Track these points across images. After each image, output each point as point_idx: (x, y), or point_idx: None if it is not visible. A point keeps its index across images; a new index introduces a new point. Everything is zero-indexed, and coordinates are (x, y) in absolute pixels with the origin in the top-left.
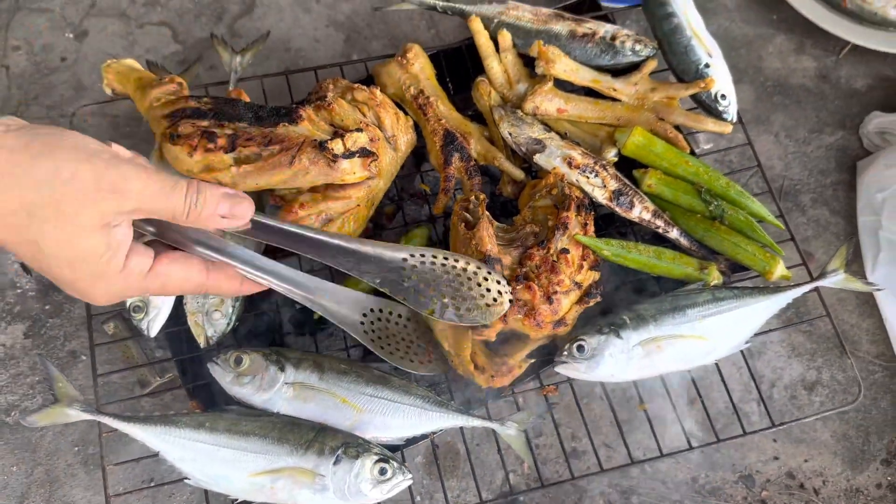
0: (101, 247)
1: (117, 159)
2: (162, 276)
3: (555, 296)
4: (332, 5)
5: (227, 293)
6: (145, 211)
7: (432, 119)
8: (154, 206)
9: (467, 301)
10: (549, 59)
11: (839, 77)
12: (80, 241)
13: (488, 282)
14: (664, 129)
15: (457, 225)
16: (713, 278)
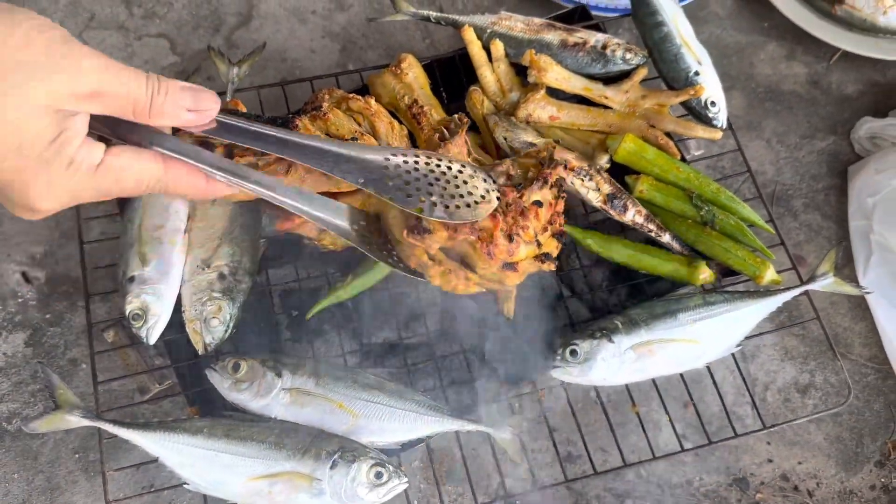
0: (51, 131)
1: (73, 37)
2: (115, 170)
3: (516, 237)
4: (327, 16)
5: (189, 193)
6: (103, 97)
7: (426, 128)
8: (113, 90)
9: (455, 199)
10: (540, 67)
11: (830, 83)
12: (28, 121)
13: (475, 179)
14: (655, 135)
15: (431, 137)
16: (702, 275)
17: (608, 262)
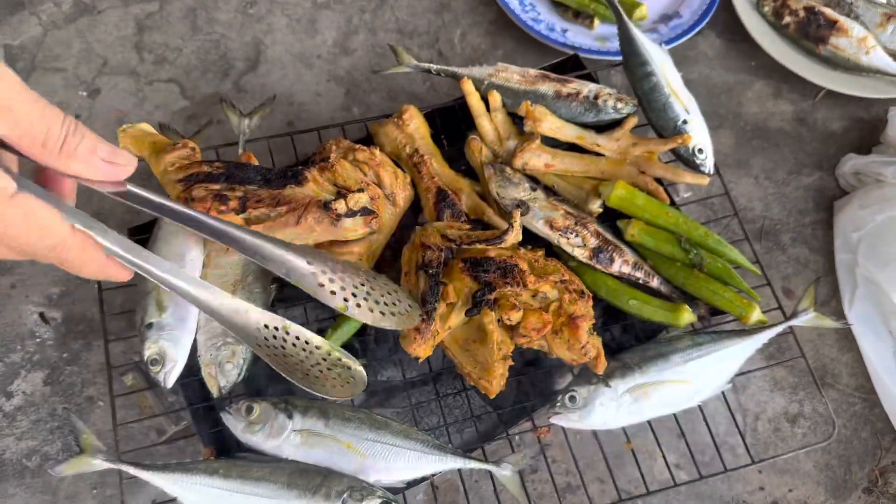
0: None
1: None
2: (24, 206)
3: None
4: (332, 61)
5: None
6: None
7: (426, 177)
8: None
9: (379, 305)
10: (536, 118)
11: (816, 120)
12: None
13: (399, 295)
14: (645, 181)
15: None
16: (685, 318)
17: (601, 300)
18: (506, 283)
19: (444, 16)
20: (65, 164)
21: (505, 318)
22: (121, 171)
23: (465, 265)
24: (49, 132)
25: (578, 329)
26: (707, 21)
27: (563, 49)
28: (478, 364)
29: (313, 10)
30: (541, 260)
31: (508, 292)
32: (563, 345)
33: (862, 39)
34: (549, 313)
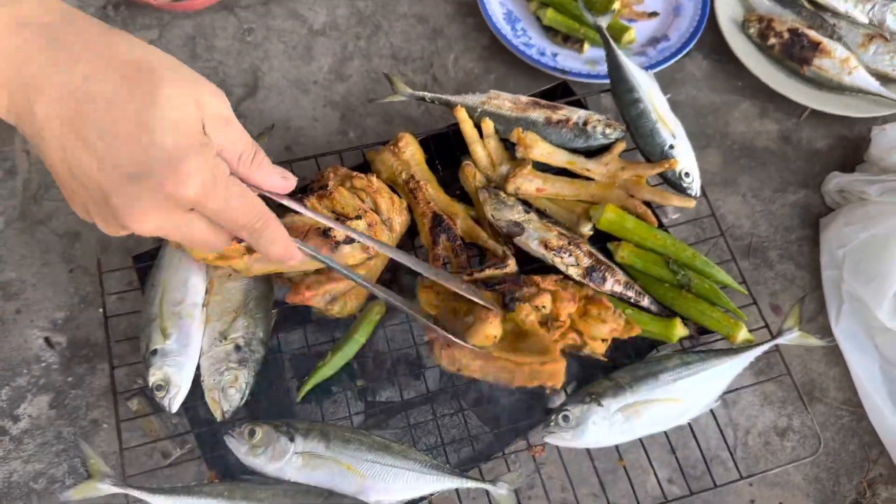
0: (200, 123)
1: None
2: (240, 186)
3: None
4: (328, 87)
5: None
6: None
7: (422, 202)
8: (237, 127)
9: None
10: (527, 144)
11: (801, 138)
12: (188, 109)
13: None
14: (634, 205)
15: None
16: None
17: None
18: (520, 287)
19: (438, 41)
20: (252, 173)
21: (539, 305)
22: (289, 184)
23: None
24: (246, 147)
25: (602, 301)
26: (694, 43)
27: (553, 73)
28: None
29: (309, 36)
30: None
31: (527, 292)
32: (597, 321)
33: (844, 60)
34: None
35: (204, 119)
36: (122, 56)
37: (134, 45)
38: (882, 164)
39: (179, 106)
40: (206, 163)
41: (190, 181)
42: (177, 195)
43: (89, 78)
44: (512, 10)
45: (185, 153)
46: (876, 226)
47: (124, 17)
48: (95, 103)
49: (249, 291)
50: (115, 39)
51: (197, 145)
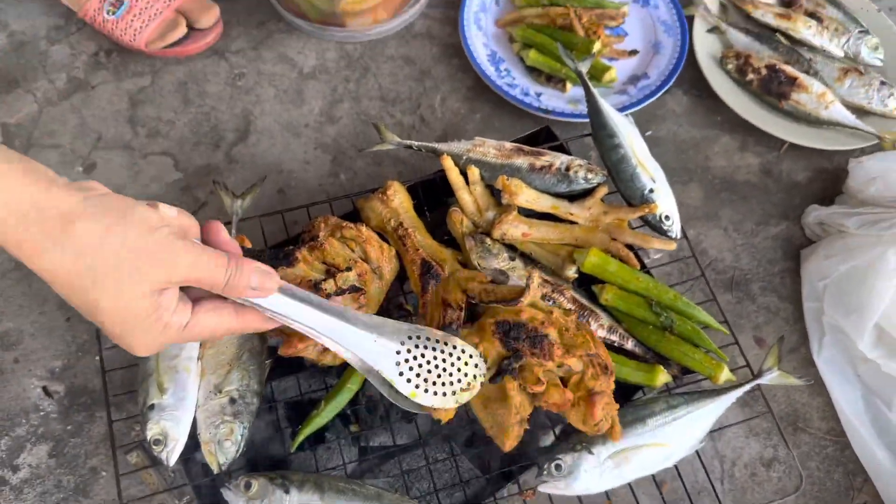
0: (151, 308)
1: (174, 236)
2: (197, 327)
3: None
4: (318, 129)
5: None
6: (191, 280)
7: (411, 249)
8: (198, 278)
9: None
10: (512, 191)
11: (781, 171)
12: (134, 303)
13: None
14: (617, 248)
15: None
16: (661, 379)
17: None
18: (533, 354)
19: (425, 83)
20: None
21: (529, 388)
22: (266, 292)
23: (496, 328)
24: (214, 282)
25: (594, 406)
26: (674, 80)
27: (537, 113)
28: (496, 423)
29: (299, 80)
30: (571, 328)
31: (534, 362)
32: (579, 418)
33: (821, 95)
34: (570, 386)
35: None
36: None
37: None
38: (860, 196)
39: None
40: (153, 339)
41: (140, 350)
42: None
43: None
44: (496, 50)
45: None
46: (855, 258)
47: (116, 65)
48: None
49: (243, 344)
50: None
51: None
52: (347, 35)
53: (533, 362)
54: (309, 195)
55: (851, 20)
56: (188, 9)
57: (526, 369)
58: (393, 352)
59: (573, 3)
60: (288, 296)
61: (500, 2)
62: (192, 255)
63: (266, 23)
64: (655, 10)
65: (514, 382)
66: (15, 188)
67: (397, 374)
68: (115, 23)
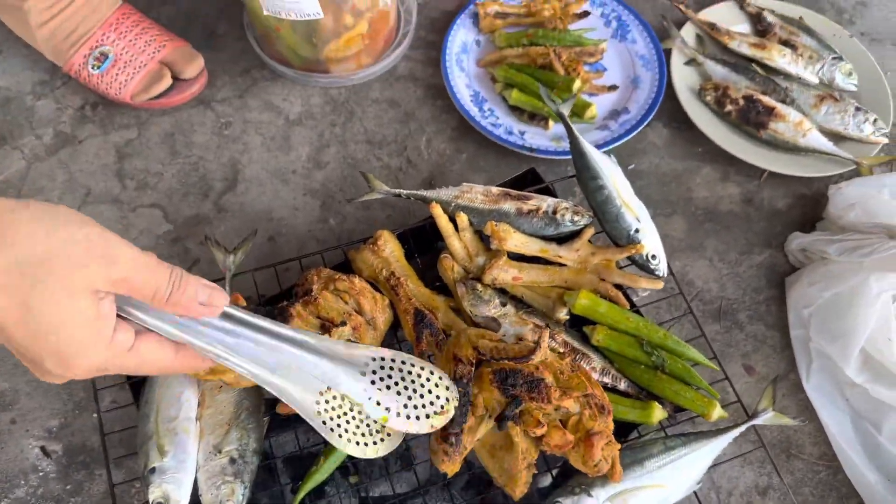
0: (92, 311)
1: (108, 231)
2: (140, 354)
3: None
4: (307, 175)
5: (191, 371)
6: (131, 282)
7: (403, 299)
8: (140, 278)
9: (417, 409)
10: (500, 237)
11: (762, 199)
12: (71, 302)
13: (440, 388)
14: (606, 288)
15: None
16: (656, 415)
17: None
18: (531, 398)
19: (410, 125)
20: (171, 309)
21: (530, 431)
22: (214, 311)
23: (494, 377)
24: (157, 290)
25: (593, 447)
26: (654, 114)
27: (521, 151)
28: (504, 471)
29: (286, 127)
30: (566, 371)
31: (533, 406)
32: (579, 458)
33: (798, 123)
34: (569, 427)
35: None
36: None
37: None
38: (840, 222)
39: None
40: (96, 353)
41: (80, 370)
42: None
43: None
44: (479, 90)
45: (69, 351)
46: (838, 285)
47: (102, 118)
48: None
49: (241, 403)
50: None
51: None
52: (332, 80)
53: (532, 406)
54: (299, 242)
55: (825, 47)
56: (172, 60)
57: (526, 413)
58: (358, 373)
59: (552, 41)
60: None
61: (482, 42)
62: (130, 250)
63: (250, 70)
64: (633, 44)
65: (518, 428)
66: None
67: (366, 398)
68: (100, 77)
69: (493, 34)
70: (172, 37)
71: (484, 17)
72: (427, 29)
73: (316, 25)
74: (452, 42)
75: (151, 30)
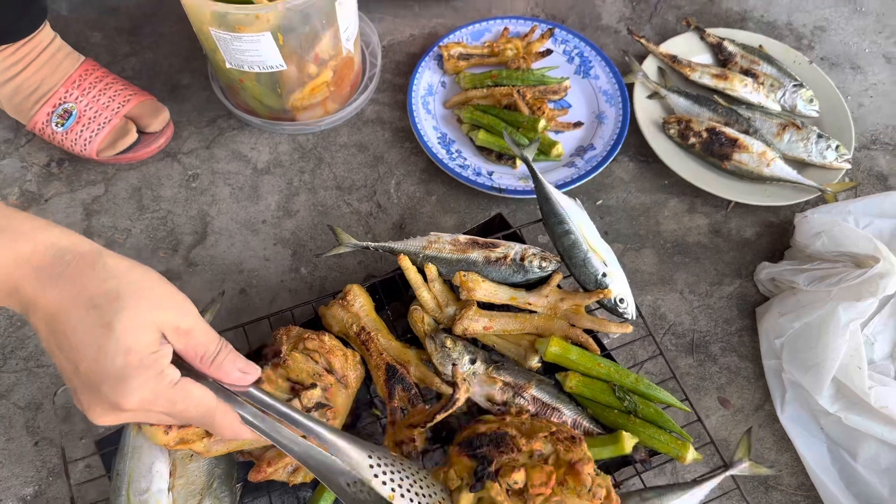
0: (154, 344)
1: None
2: (185, 391)
3: None
4: (276, 224)
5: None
6: (190, 337)
7: (374, 354)
8: (198, 337)
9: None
10: (469, 287)
11: (730, 230)
12: (144, 332)
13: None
14: (576, 334)
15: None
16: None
17: None
18: (501, 452)
19: (379, 168)
20: (212, 372)
21: (511, 482)
22: (248, 379)
23: (460, 448)
24: (206, 351)
25: (580, 474)
26: (619, 149)
27: (490, 192)
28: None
29: (254, 176)
30: (527, 422)
31: (506, 460)
32: (573, 494)
33: (762, 153)
34: (550, 464)
35: (165, 333)
36: (91, 288)
37: (107, 275)
38: (807, 251)
39: (134, 332)
40: (148, 382)
41: (130, 396)
42: (120, 405)
43: (62, 308)
44: (446, 132)
45: (129, 374)
46: (808, 315)
47: (69, 174)
48: (64, 328)
49: (212, 471)
50: (88, 272)
51: (142, 367)
52: (299, 128)
53: (504, 460)
54: (271, 293)
55: (785, 74)
56: (137, 114)
57: (502, 468)
58: (366, 457)
59: (516, 81)
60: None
61: (447, 83)
62: (196, 314)
63: (217, 120)
64: (596, 80)
65: (496, 484)
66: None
67: (373, 476)
68: (64, 134)
69: (458, 75)
70: (137, 90)
71: (448, 58)
72: (393, 72)
73: (280, 76)
74: (418, 84)
75: (115, 84)
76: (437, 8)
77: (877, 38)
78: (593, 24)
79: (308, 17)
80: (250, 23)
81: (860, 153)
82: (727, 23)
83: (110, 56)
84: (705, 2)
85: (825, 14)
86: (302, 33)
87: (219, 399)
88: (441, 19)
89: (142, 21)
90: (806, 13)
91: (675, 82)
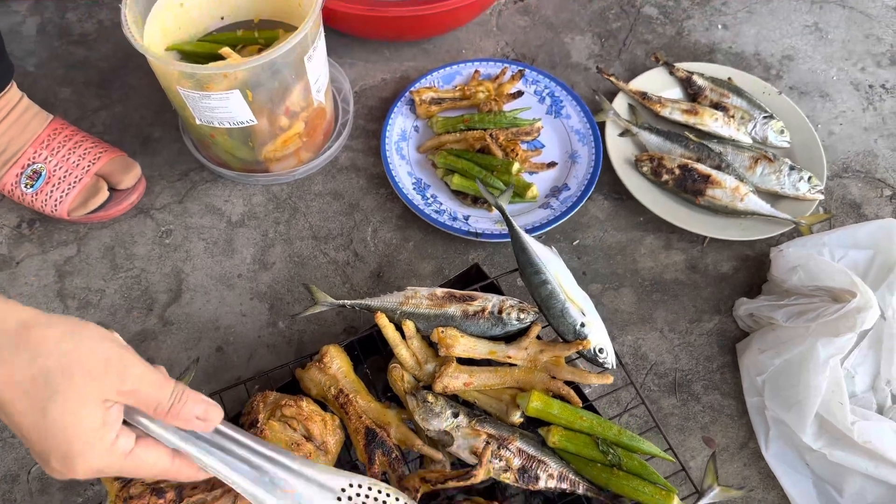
0: (98, 420)
1: (125, 348)
2: (138, 459)
3: None
4: (252, 278)
5: (185, 480)
6: (137, 395)
7: (353, 417)
8: (147, 392)
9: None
10: (448, 344)
11: (707, 265)
12: (82, 410)
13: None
14: (557, 386)
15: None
16: None
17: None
18: None
19: (355, 216)
20: (170, 422)
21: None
22: (209, 426)
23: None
24: (158, 405)
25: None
26: (593, 188)
27: (467, 237)
28: None
29: (229, 229)
30: None
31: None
32: None
33: (735, 188)
34: None
35: (109, 398)
36: (20, 373)
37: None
38: (784, 285)
39: (72, 413)
40: (96, 457)
41: (80, 470)
42: (73, 476)
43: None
44: (421, 177)
45: (75, 453)
46: (788, 351)
47: (40, 234)
48: (8, 409)
49: None
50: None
51: (87, 445)
52: (273, 178)
53: None
54: (249, 349)
55: (755, 106)
56: (108, 171)
57: None
58: (333, 498)
59: (489, 124)
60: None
61: (420, 128)
62: (141, 367)
63: (189, 173)
64: (568, 119)
65: None
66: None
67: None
68: (34, 195)
69: (431, 120)
70: (107, 147)
71: (420, 103)
72: (366, 118)
73: (251, 130)
74: (391, 130)
75: (85, 142)
76: (409, 51)
77: (843, 64)
78: (563, 63)
79: (277, 73)
80: (218, 81)
81: (832, 181)
82: (695, 55)
83: (80, 111)
84: (673, 35)
85: (792, 43)
86: (272, 88)
87: (174, 456)
88: (412, 62)
89: (110, 74)
90: (773, 42)
91: (646, 119)
